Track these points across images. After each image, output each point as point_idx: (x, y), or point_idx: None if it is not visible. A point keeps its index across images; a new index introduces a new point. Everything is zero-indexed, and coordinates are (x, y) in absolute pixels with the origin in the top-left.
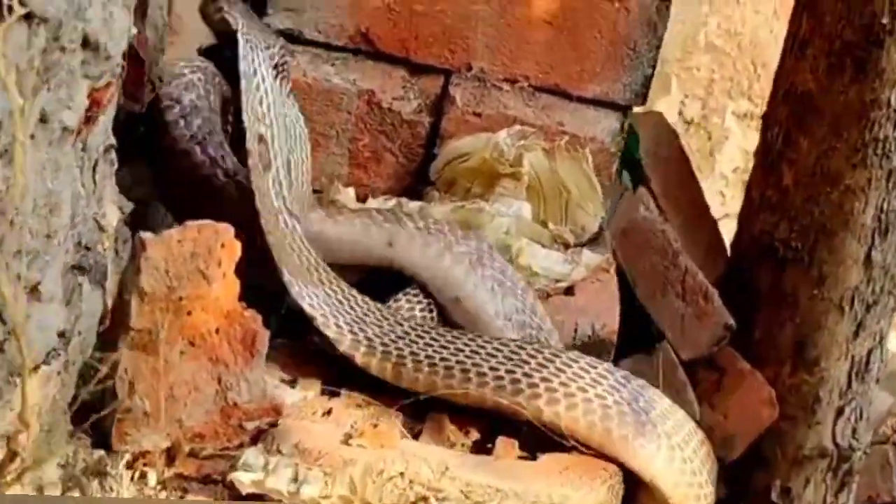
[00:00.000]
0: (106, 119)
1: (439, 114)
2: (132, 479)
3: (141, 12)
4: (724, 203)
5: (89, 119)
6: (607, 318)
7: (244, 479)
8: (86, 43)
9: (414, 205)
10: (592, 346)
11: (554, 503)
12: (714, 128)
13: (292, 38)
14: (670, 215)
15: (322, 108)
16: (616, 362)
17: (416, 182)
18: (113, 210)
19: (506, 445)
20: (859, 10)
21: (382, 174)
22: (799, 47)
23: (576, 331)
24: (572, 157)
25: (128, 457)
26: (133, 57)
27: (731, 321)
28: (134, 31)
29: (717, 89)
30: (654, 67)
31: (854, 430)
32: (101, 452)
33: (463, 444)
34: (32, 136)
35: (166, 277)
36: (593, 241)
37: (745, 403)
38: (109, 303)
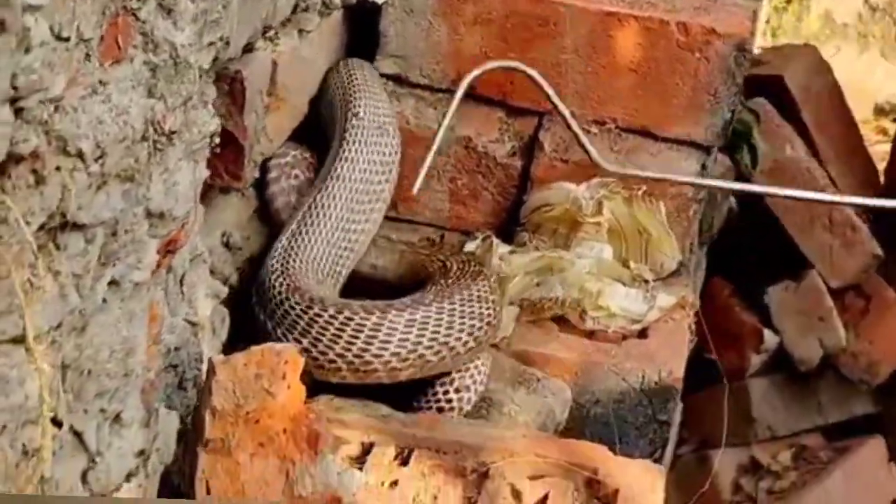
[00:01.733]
0: (188, 243)
1: (530, 157)
2: None
3: (238, 107)
4: None
5: (168, 252)
6: (674, 365)
7: None
8: (149, 214)
9: (504, 248)
10: (656, 392)
11: None
12: None
13: (399, 80)
14: (822, 147)
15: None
16: (684, 397)
17: (510, 219)
18: (206, 303)
19: None
20: None
21: (480, 210)
22: None
23: (643, 378)
24: (647, 206)
25: None
26: (233, 142)
27: (879, 251)
28: (216, 127)
29: None
30: (733, 112)
31: None
32: None
33: None
34: (105, 301)
35: (234, 396)
36: (670, 281)
37: (890, 330)
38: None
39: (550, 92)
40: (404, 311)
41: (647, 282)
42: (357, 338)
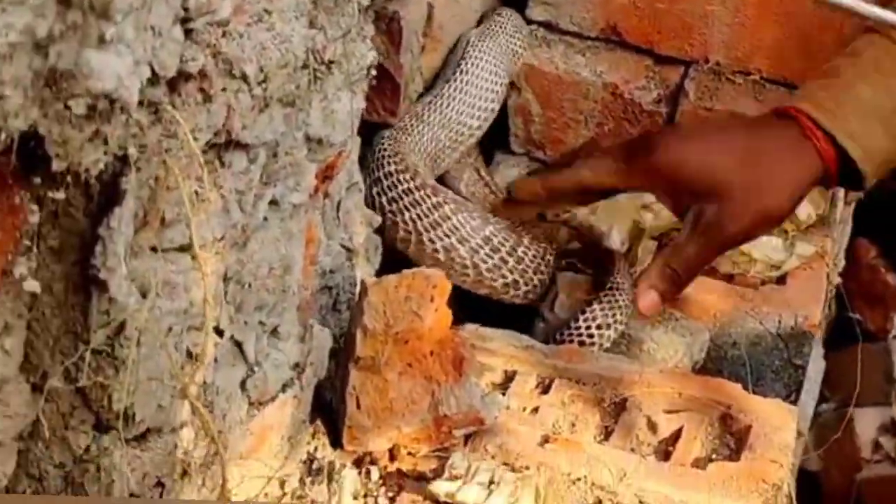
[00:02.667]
0: (345, 170)
1: (675, 105)
2: (359, 474)
3: (395, 45)
4: None
5: (326, 178)
6: (811, 310)
7: (440, 491)
8: (308, 139)
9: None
10: (793, 337)
11: None
12: None
13: (550, 27)
14: None
15: (572, 97)
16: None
17: None
18: (360, 230)
19: (683, 451)
20: None
21: None
22: None
23: (779, 322)
24: None
25: (355, 456)
26: (390, 80)
27: None
28: (372, 60)
29: None
30: None
31: None
32: (335, 452)
33: (649, 444)
34: (265, 219)
35: (385, 317)
36: (811, 231)
37: None
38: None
39: None
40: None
41: (786, 231)
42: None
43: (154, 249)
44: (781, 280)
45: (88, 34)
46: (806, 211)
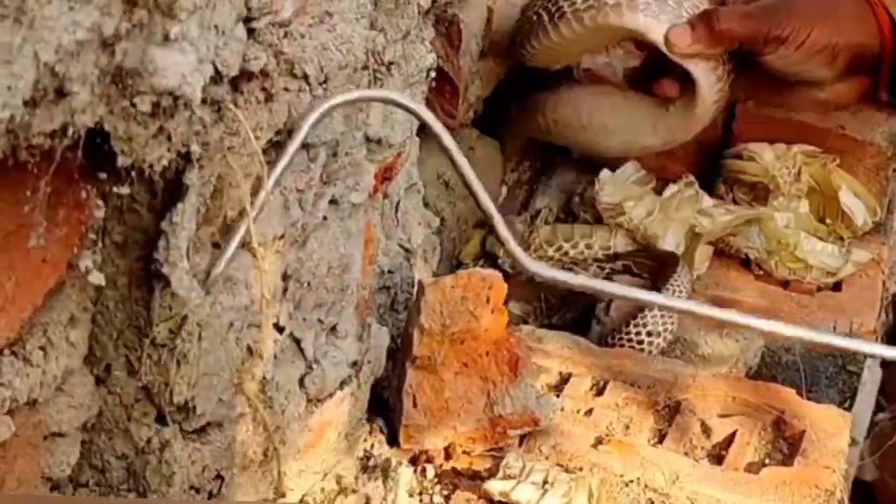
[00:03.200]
0: (404, 171)
1: (733, 111)
2: (414, 471)
3: (455, 49)
4: None
5: (385, 178)
6: (866, 317)
7: (494, 490)
8: (368, 140)
9: (708, 202)
10: None
11: None
12: None
13: None
14: None
15: None
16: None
17: (711, 171)
18: (418, 231)
19: (736, 455)
20: None
21: (683, 160)
22: None
23: (834, 328)
24: (844, 173)
25: (411, 454)
26: (449, 83)
27: None
28: (431, 62)
29: None
30: None
31: None
32: (391, 450)
33: (703, 448)
34: (325, 218)
35: (441, 317)
36: (867, 238)
37: None
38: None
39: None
40: None
41: (842, 238)
42: None
43: (216, 245)
44: (837, 287)
45: (154, 32)
46: (862, 217)
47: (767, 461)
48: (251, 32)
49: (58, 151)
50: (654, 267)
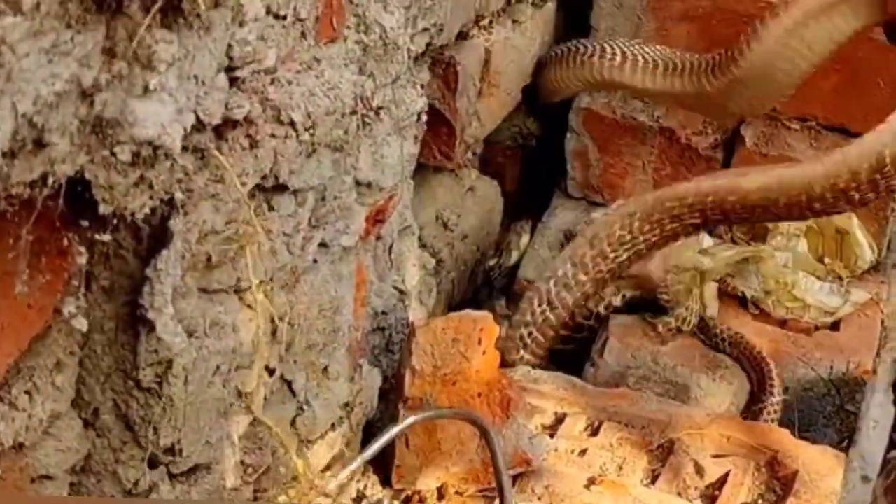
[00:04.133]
0: (397, 212)
1: (731, 151)
2: None
3: (452, 90)
4: None
5: (377, 221)
6: (863, 358)
7: None
8: (358, 183)
9: (708, 242)
10: (845, 383)
11: None
12: None
13: None
14: None
15: (630, 141)
16: None
17: None
18: (413, 272)
19: (729, 496)
20: None
21: None
22: None
23: (831, 368)
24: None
25: (404, 495)
26: (446, 124)
27: None
28: (422, 106)
29: None
30: None
31: None
32: (384, 490)
33: (696, 488)
34: (315, 261)
35: (433, 358)
36: (865, 278)
37: None
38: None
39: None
40: None
41: (840, 278)
42: None
43: (202, 290)
44: (835, 326)
45: (133, 83)
46: (871, 254)
47: (760, 501)
48: (234, 81)
49: (38, 200)
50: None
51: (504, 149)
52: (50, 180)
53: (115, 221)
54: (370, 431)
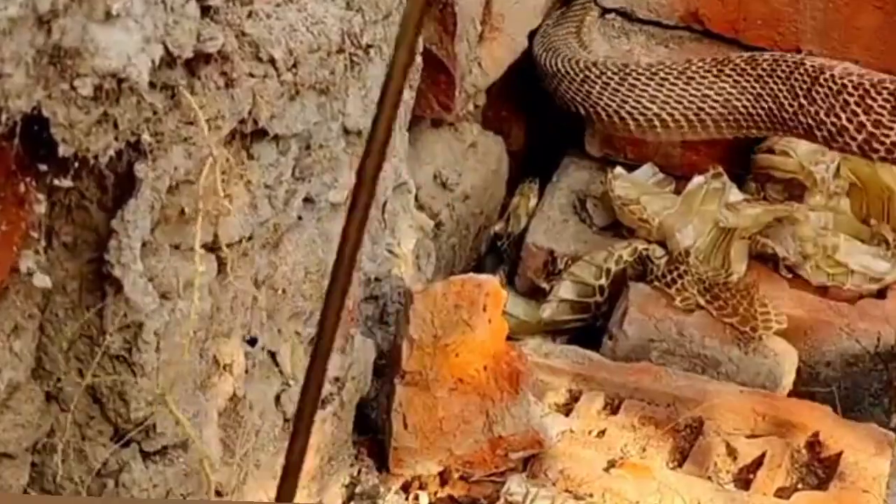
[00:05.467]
0: (390, 166)
1: None
2: (406, 499)
3: (449, 34)
4: None
5: None
6: None
7: None
8: (346, 132)
9: (736, 196)
10: (893, 357)
11: None
12: None
13: (627, 16)
14: None
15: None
16: None
17: (741, 167)
18: (409, 234)
19: (765, 479)
20: None
21: (712, 156)
22: None
23: (878, 340)
24: (890, 167)
25: (403, 480)
26: (444, 72)
27: None
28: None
29: None
30: None
31: None
32: (379, 475)
33: (728, 471)
34: (300, 218)
35: (432, 327)
36: None
37: None
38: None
39: None
40: None
41: (887, 241)
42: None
43: (175, 247)
44: (881, 294)
45: (94, 8)
46: None
47: (800, 486)
48: (206, 11)
49: None
50: None
51: (509, 102)
52: (3, 117)
53: (76, 166)
54: (364, 410)
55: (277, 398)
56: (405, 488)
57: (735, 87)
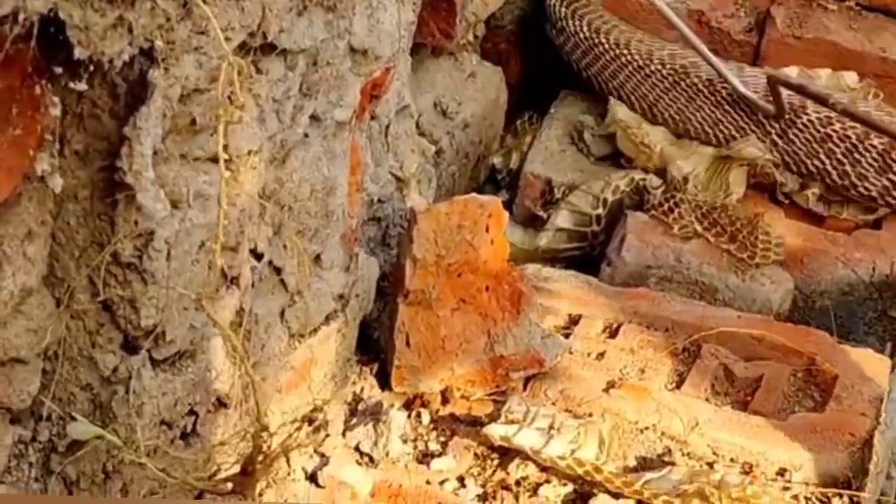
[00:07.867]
0: (394, 88)
1: (762, 35)
2: (408, 417)
3: None
4: None
5: (373, 96)
6: None
7: (495, 434)
8: (352, 50)
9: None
10: (888, 286)
11: (794, 466)
12: None
13: None
14: None
15: (655, 27)
16: None
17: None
18: (411, 158)
19: (762, 401)
20: None
21: None
22: None
23: (873, 269)
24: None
25: (405, 398)
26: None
27: None
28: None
29: None
30: None
31: None
32: (383, 393)
33: (725, 394)
34: (306, 135)
35: (436, 246)
36: None
37: None
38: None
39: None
40: None
41: None
42: None
43: (184, 157)
44: (877, 224)
45: None
46: None
47: (797, 408)
48: None
49: (8, 41)
50: None
51: (507, 34)
52: (21, 17)
53: (91, 70)
54: (367, 330)
55: (282, 313)
56: (407, 406)
57: None
